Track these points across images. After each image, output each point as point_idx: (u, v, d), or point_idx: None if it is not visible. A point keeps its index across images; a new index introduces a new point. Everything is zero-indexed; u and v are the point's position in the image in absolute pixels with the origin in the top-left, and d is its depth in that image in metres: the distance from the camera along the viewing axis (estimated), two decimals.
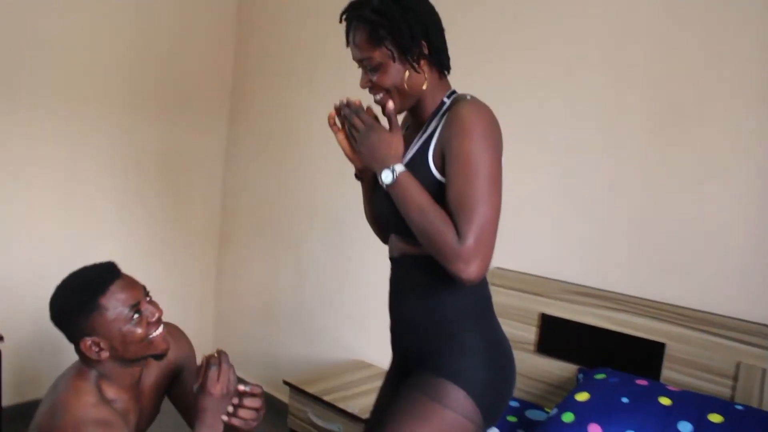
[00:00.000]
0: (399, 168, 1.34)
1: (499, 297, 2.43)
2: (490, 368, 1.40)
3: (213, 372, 1.44)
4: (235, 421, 1.48)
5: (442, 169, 1.35)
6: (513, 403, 2.27)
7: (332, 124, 1.45)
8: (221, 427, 1.47)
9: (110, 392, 1.47)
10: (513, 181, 2.42)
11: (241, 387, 1.48)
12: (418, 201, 1.31)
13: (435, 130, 1.38)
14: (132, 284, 1.48)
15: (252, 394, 1.49)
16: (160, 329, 1.48)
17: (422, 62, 1.38)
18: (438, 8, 1.44)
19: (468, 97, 1.40)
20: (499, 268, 2.46)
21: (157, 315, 1.48)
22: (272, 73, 3.50)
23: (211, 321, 3.88)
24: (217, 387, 1.44)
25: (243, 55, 3.69)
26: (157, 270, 3.50)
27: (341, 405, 2.47)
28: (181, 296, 3.66)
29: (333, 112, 1.44)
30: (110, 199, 3.32)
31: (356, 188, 1.65)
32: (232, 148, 3.76)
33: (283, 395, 3.29)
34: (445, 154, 1.33)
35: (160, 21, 3.39)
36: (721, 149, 2.01)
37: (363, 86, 1.44)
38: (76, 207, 3.16)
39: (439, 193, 1.34)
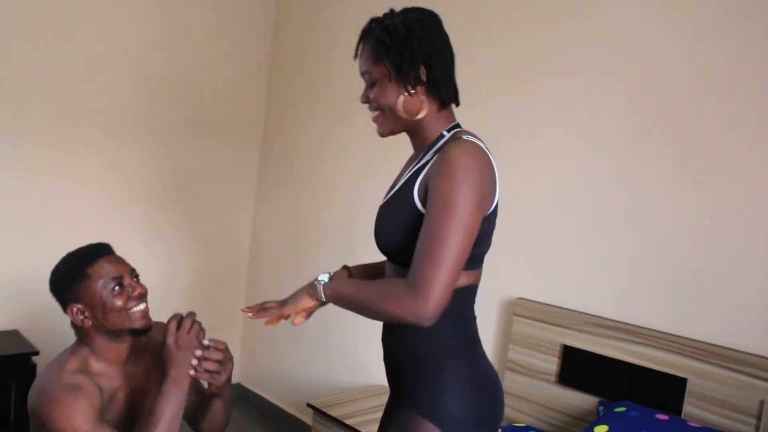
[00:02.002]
0: (319, 289, 1.41)
1: (522, 327, 2.45)
2: (469, 404, 1.36)
3: (172, 324, 1.55)
4: (202, 375, 1.57)
5: (425, 202, 1.33)
6: None
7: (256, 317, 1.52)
8: (187, 381, 1.53)
9: (97, 367, 1.59)
10: (537, 214, 2.47)
11: (206, 341, 1.57)
12: (354, 291, 1.35)
13: (427, 163, 1.37)
14: (119, 261, 1.62)
15: (215, 348, 1.58)
16: (141, 306, 1.59)
17: (419, 89, 1.38)
18: (459, 38, 1.46)
19: (464, 137, 1.36)
20: (522, 298, 2.48)
21: (138, 291, 1.59)
22: (303, 103, 3.61)
23: (238, 343, 3.95)
24: (171, 338, 1.54)
25: (276, 84, 3.81)
26: (186, 292, 3.60)
27: (362, 429, 2.50)
28: (209, 319, 3.70)
29: (251, 316, 1.52)
30: (142, 222, 3.43)
31: None
32: (263, 175, 3.87)
33: (306, 417, 3.34)
34: (428, 190, 1.32)
35: (198, 52, 3.53)
36: (749, 183, 2.01)
37: (362, 101, 1.45)
38: (112, 229, 3.26)
39: (417, 223, 1.32)
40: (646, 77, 2.23)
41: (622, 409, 2.03)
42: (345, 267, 1.64)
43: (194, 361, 1.54)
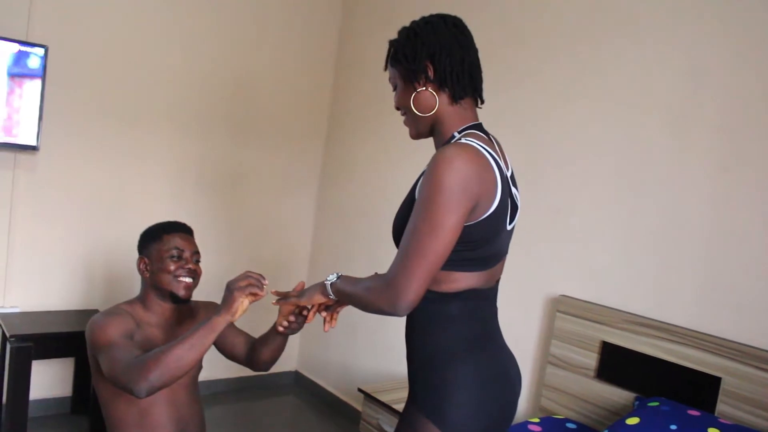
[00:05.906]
0: (328, 287, 1.52)
1: (564, 323, 2.55)
2: (469, 405, 1.36)
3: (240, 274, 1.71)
4: (293, 325, 1.74)
5: None
6: (570, 425, 2.37)
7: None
8: (222, 319, 1.60)
9: (142, 315, 1.90)
10: (582, 217, 2.57)
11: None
12: (350, 287, 1.44)
13: None
14: (189, 240, 1.97)
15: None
16: (187, 279, 1.91)
17: (429, 86, 1.42)
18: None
19: (463, 139, 1.37)
20: (565, 296, 2.58)
21: (189, 266, 1.92)
22: (365, 104, 3.80)
23: (297, 334, 4.12)
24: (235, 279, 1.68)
25: (340, 85, 4.02)
26: None
27: None
28: (271, 309, 3.94)
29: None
30: (214, 213, 3.69)
31: None
32: (325, 171, 4.08)
33: (358, 404, 3.51)
34: None
35: (270, 57, 3.79)
36: None
37: (395, 107, 1.52)
38: (187, 220, 3.51)
39: None
40: (693, 84, 2.30)
41: (656, 404, 2.11)
42: (376, 274, 1.75)
43: (291, 317, 1.72)
